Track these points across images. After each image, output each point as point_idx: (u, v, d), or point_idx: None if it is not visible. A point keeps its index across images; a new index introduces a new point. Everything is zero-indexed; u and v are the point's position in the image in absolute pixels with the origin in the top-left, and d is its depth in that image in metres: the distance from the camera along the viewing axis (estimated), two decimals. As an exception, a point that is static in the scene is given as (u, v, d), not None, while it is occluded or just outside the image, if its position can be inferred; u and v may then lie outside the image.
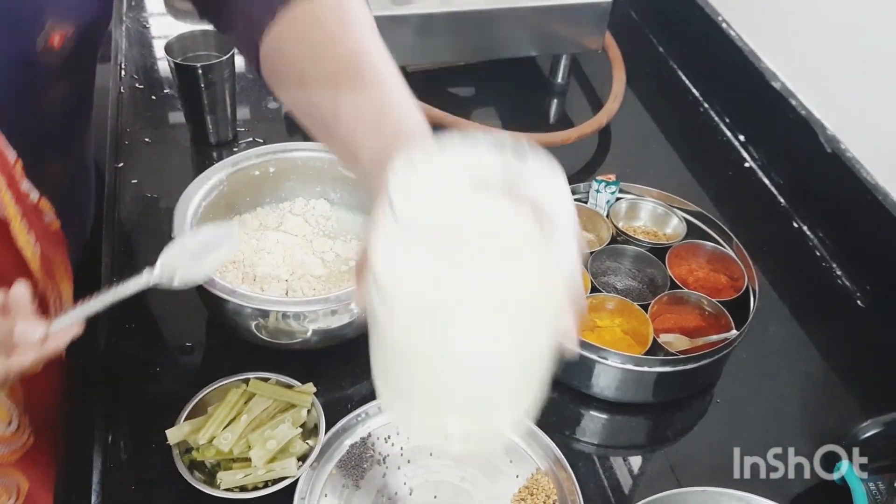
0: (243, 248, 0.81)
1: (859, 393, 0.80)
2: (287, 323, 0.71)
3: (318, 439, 0.67)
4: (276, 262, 0.80)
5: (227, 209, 0.83)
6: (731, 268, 0.83)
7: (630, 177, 0.90)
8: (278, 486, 0.64)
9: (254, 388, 0.69)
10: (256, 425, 0.67)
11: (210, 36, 0.98)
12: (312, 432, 0.69)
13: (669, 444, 0.75)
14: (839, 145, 0.92)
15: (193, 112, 0.98)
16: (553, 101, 1.17)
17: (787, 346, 0.84)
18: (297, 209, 0.86)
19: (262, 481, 0.65)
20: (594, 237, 0.87)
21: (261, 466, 0.64)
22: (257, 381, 0.70)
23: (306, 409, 0.69)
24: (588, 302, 0.78)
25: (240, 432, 0.66)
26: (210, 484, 0.64)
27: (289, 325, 0.71)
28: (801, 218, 0.98)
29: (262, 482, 0.65)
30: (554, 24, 1.08)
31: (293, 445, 0.67)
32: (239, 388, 0.70)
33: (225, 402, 0.68)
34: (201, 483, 0.64)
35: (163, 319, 0.80)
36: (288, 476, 0.65)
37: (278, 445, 0.65)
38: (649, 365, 0.72)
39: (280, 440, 0.66)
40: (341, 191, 0.86)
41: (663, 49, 1.27)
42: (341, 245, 0.84)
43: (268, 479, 0.65)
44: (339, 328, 0.73)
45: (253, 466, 0.65)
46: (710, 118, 1.14)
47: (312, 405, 0.70)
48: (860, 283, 0.90)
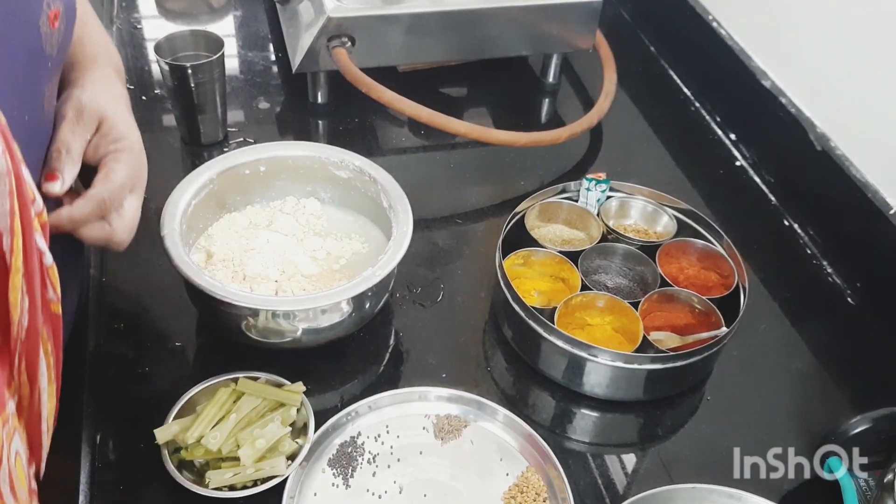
0: (233, 247, 0.81)
1: (850, 389, 0.80)
2: (277, 322, 0.71)
3: (307, 438, 0.67)
4: (266, 262, 0.79)
5: (216, 207, 0.83)
6: (721, 265, 0.83)
7: (621, 175, 0.90)
8: (267, 486, 0.64)
9: (243, 388, 0.69)
10: (245, 424, 0.67)
11: (199, 36, 0.98)
12: (302, 431, 0.69)
13: (660, 441, 0.75)
14: (829, 143, 0.92)
15: (184, 112, 0.98)
16: (544, 101, 1.17)
17: (778, 343, 0.84)
18: (288, 208, 0.86)
19: (251, 480, 0.65)
20: (585, 235, 0.87)
21: (250, 465, 0.64)
22: (246, 381, 0.70)
23: (296, 408, 0.69)
24: (579, 300, 0.78)
25: (228, 431, 0.66)
26: (199, 483, 0.64)
27: (279, 324, 0.71)
28: (792, 216, 0.98)
29: (251, 481, 0.65)
30: (545, 24, 1.08)
31: (282, 444, 0.66)
32: (228, 388, 0.69)
33: (214, 401, 0.68)
34: (190, 482, 0.64)
35: (151, 320, 0.80)
36: (277, 475, 0.65)
37: (267, 444, 0.65)
38: (640, 362, 0.72)
39: (269, 439, 0.65)
40: (332, 190, 0.86)
41: (654, 48, 1.27)
42: (332, 243, 0.83)
43: (257, 479, 0.65)
44: (330, 327, 0.73)
45: (242, 465, 0.64)
46: (700, 117, 1.14)
47: (302, 404, 0.69)
48: (850, 281, 0.90)
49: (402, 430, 0.71)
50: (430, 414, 0.73)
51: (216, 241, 0.82)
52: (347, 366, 0.78)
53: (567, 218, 0.89)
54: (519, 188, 0.99)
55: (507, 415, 0.72)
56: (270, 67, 1.16)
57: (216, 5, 1.30)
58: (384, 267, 0.72)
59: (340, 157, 0.83)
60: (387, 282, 0.76)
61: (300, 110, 1.08)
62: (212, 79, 0.94)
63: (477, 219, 0.95)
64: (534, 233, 0.84)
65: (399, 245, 0.75)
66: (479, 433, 0.72)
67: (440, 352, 0.80)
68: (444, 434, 0.71)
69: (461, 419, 0.72)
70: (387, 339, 0.81)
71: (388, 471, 0.69)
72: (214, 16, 1.28)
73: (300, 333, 0.72)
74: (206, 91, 0.95)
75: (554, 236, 0.88)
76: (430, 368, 0.78)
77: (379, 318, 0.81)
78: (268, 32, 1.23)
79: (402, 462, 0.69)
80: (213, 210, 0.82)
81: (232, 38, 1.22)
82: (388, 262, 0.73)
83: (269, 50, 1.19)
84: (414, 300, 0.84)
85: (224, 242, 0.81)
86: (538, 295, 0.81)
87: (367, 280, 0.71)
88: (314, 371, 0.76)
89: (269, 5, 1.25)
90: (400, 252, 0.74)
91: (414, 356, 0.79)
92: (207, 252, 0.81)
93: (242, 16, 1.27)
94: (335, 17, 0.97)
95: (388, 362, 0.79)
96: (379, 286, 0.73)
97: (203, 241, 0.82)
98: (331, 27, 0.98)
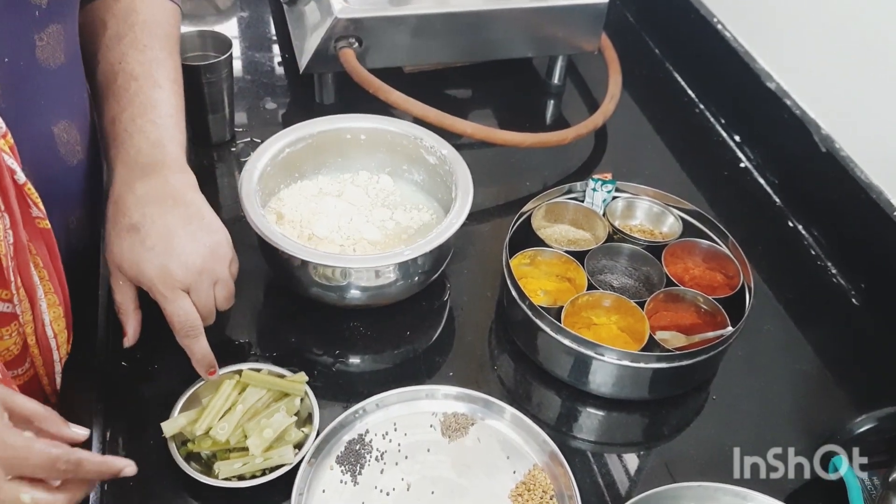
0: (302, 209, 0.87)
1: (854, 390, 0.81)
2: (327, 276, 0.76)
3: (312, 427, 0.68)
4: (332, 226, 0.85)
5: (289, 173, 0.89)
6: (726, 266, 0.84)
7: (626, 177, 0.91)
8: (276, 474, 0.65)
9: (247, 379, 0.70)
10: (252, 415, 0.68)
11: (208, 37, 0.99)
12: (307, 421, 0.70)
13: (666, 440, 0.75)
14: (833, 144, 0.92)
15: (192, 112, 0.98)
16: (550, 102, 1.18)
17: (783, 343, 0.84)
18: (360, 181, 0.91)
19: (259, 469, 0.65)
20: (591, 236, 0.88)
21: (258, 455, 0.65)
22: (250, 372, 0.71)
23: (300, 397, 0.70)
24: (585, 299, 0.78)
25: (236, 422, 0.67)
26: (207, 475, 0.65)
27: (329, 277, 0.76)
28: (796, 217, 0.98)
29: (259, 470, 0.66)
30: (550, 26, 1.09)
31: (288, 434, 0.67)
32: (232, 379, 0.71)
33: (219, 393, 0.69)
34: (199, 473, 0.64)
35: (160, 318, 0.80)
36: (285, 464, 0.65)
37: (274, 434, 0.66)
38: (645, 361, 0.72)
39: (276, 429, 0.66)
40: (416, 172, 0.91)
41: (659, 51, 1.27)
42: (402, 214, 0.87)
43: (265, 468, 0.65)
44: (382, 287, 0.78)
45: (251, 455, 0.65)
46: (705, 119, 1.14)
47: (305, 394, 0.71)
48: (854, 282, 0.90)
49: (410, 428, 0.72)
50: (438, 412, 0.73)
51: (286, 204, 0.87)
52: (355, 363, 0.78)
53: (573, 218, 0.89)
54: (525, 189, 1.00)
55: (513, 413, 0.72)
56: (277, 68, 1.17)
57: (222, 7, 1.31)
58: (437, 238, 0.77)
59: (432, 141, 0.87)
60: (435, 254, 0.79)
61: (307, 111, 1.09)
62: (220, 78, 0.95)
63: (483, 219, 0.95)
64: (540, 233, 0.85)
65: (449, 225, 0.78)
66: (485, 431, 0.72)
67: (447, 350, 0.80)
68: (451, 432, 0.72)
69: (468, 417, 0.73)
70: (394, 337, 0.81)
71: (395, 468, 0.69)
72: (221, 17, 1.29)
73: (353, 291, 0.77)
74: (216, 91, 0.96)
75: (560, 236, 0.88)
76: (438, 367, 0.78)
77: (387, 318, 0.82)
78: (274, 34, 1.23)
79: (409, 459, 0.70)
80: (285, 176, 0.88)
81: (238, 39, 1.23)
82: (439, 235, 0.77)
83: (275, 51, 1.20)
84: (421, 299, 0.84)
85: (294, 206, 0.87)
86: (544, 294, 0.82)
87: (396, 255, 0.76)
88: (322, 369, 0.76)
89: (275, 7, 1.25)
90: (451, 229, 0.78)
91: (421, 355, 0.80)
92: (278, 213, 0.86)
93: (248, 17, 1.27)
94: (342, 19, 0.98)
95: (396, 360, 0.80)
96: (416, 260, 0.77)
97: (274, 204, 0.87)
98: (338, 28, 0.99)
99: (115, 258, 0.67)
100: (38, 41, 0.61)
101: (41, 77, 0.63)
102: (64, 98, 0.67)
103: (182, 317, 0.66)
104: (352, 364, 0.78)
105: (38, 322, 0.64)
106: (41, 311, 0.63)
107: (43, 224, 0.61)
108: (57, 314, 0.65)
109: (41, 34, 0.61)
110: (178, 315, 0.66)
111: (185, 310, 0.66)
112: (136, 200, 0.67)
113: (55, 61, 0.64)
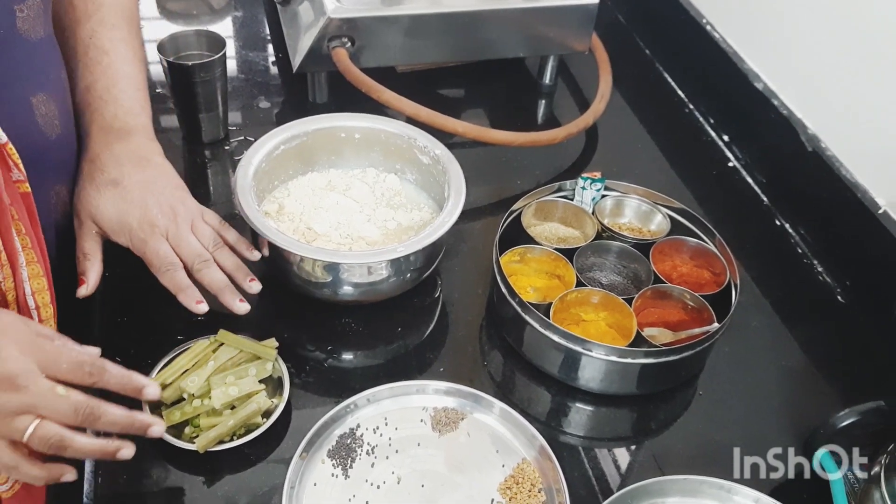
0: (303, 203, 0.88)
1: (839, 386, 0.82)
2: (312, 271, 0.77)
3: (282, 398, 0.71)
4: (331, 222, 0.86)
5: (301, 164, 0.91)
6: (713, 263, 0.85)
7: (616, 175, 0.92)
8: (251, 436, 0.68)
9: (221, 338, 0.74)
10: (221, 371, 0.71)
11: (202, 36, 1.00)
12: (277, 390, 0.73)
13: (653, 435, 0.76)
14: (819, 144, 0.94)
15: (185, 110, 0.99)
16: (541, 102, 1.19)
17: (769, 340, 0.86)
18: (369, 178, 0.92)
19: (231, 431, 0.68)
20: (580, 233, 0.89)
21: (219, 407, 0.68)
22: (225, 332, 0.74)
23: (271, 362, 0.73)
24: (574, 296, 0.79)
25: (206, 377, 0.70)
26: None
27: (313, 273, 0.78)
28: (783, 215, 1.00)
29: (232, 432, 0.68)
30: (542, 26, 1.10)
31: (258, 399, 0.70)
32: (206, 340, 0.74)
33: (191, 350, 0.73)
34: (186, 443, 0.67)
35: (155, 314, 0.81)
36: (256, 424, 0.69)
37: (239, 393, 0.69)
38: (633, 356, 0.73)
39: (241, 389, 0.70)
40: (414, 172, 0.92)
41: (649, 51, 1.29)
42: (403, 215, 0.88)
43: (236, 429, 0.68)
44: (375, 283, 0.79)
45: (220, 416, 0.68)
46: (694, 118, 1.16)
47: (276, 359, 0.73)
48: (840, 280, 0.92)
49: (401, 423, 0.73)
50: (428, 407, 0.74)
51: (291, 195, 0.89)
52: (347, 359, 0.79)
53: (563, 216, 0.90)
54: (515, 187, 1.01)
55: (503, 408, 0.73)
56: (270, 68, 1.17)
57: (216, 6, 1.32)
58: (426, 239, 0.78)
59: (426, 142, 0.88)
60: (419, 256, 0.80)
61: (300, 110, 1.09)
62: (213, 77, 0.96)
63: (474, 217, 0.96)
64: (530, 231, 0.86)
65: (441, 223, 0.80)
66: (475, 426, 0.73)
67: (438, 346, 0.81)
68: (441, 426, 0.73)
69: (458, 412, 0.74)
70: (386, 333, 0.82)
71: (386, 462, 0.70)
72: (215, 17, 1.30)
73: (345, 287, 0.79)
74: (209, 89, 0.96)
75: (550, 234, 0.89)
76: (429, 363, 0.79)
77: (379, 314, 0.82)
78: (268, 33, 1.24)
79: (400, 453, 0.71)
80: (296, 165, 0.90)
81: (232, 38, 1.23)
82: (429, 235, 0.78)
83: (268, 50, 1.21)
84: (413, 296, 0.85)
85: (297, 199, 0.88)
86: (534, 291, 0.83)
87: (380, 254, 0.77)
88: (315, 364, 0.77)
89: (269, 6, 1.26)
90: (441, 230, 0.79)
91: (413, 351, 0.81)
92: (280, 204, 0.87)
93: (242, 17, 1.28)
94: (335, 18, 0.99)
95: (388, 356, 0.81)
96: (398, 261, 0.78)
97: (279, 193, 0.89)
98: (331, 28, 0.99)
99: (92, 210, 0.74)
100: (19, 12, 0.64)
101: (21, 48, 0.65)
102: (43, 71, 0.70)
103: (161, 255, 0.73)
104: (344, 360, 0.79)
105: (19, 290, 0.64)
106: (22, 279, 0.64)
107: (24, 188, 0.63)
108: (41, 286, 0.65)
109: (21, 5, 0.64)
110: (158, 254, 0.73)
111: (163, 250, 0.73)
112: (114, 159, 0.75)
113: (35, 34, 0.67)
